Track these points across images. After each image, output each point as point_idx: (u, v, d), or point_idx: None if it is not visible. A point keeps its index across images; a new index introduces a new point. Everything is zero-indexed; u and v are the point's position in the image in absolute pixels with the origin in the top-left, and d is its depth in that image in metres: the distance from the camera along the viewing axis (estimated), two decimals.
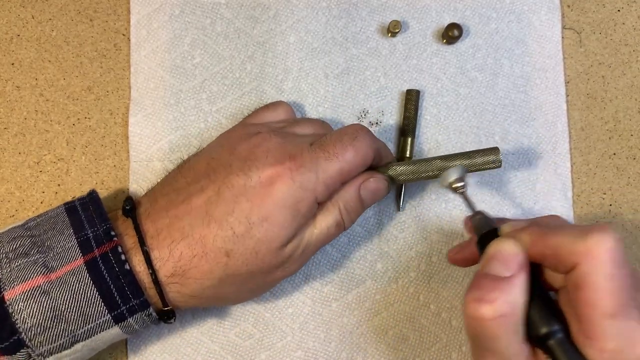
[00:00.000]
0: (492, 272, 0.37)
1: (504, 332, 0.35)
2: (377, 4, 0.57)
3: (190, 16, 0.56)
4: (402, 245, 0.54)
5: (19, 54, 0.55)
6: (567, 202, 0.55)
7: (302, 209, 0.44)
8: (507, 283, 0.36)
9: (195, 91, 0.55)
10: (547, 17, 0.57)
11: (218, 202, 0.43)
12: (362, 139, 0.46)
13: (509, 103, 0.56)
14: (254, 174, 0.43)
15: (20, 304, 0.41)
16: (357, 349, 0.53)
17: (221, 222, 0.43)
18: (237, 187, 0.43)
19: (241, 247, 0.43)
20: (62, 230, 0.44)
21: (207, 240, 0.43)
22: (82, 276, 0.42)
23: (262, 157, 0.44)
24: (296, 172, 0.43)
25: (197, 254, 0.43)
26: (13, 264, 0.41)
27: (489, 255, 0.38)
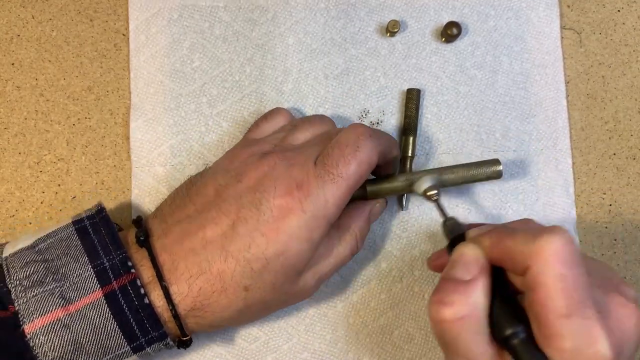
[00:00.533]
0: (453, 275, 0.38)
1: (466, 333, 0.36)
2: (375, 4, 0.57)
3: (189, 20, 0.56)
4: (406, 245, 0.54)
5: (19, 54, 0.55)
6: (569, 197, 0.55)
7: (316, 237, 0.44)
8: (467, 286, 0.37)
9: (195, 95, 0.55)
10: (545, 13, 0.57)
11: (233, 238, 0.43)
12: (364, 148, 0.45)
13: (509, 100, 0.56)
14: (266, 208, 0.43)
15: (42, 337, 0.41)
16: (363, 349, 0.53)
17: (238, 258, 0.43)
18: (251, 222, 0.43)
19: (259, 282, 0.43)
20: (77, 257, 0.43)
21: (226, 276, 0.43)
22: (102, 310, 0.42)
23: (271, 189, 0.44)
24: (305, 202, 0.43)
25: (216, 289, 0.43)
26: (29, 294, 0.41)
27: (452, 259, 0.40)
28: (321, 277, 0.47)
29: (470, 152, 0.55)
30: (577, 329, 0.34)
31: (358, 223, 0.49)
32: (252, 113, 0.55)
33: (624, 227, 0.55)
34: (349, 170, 0.44)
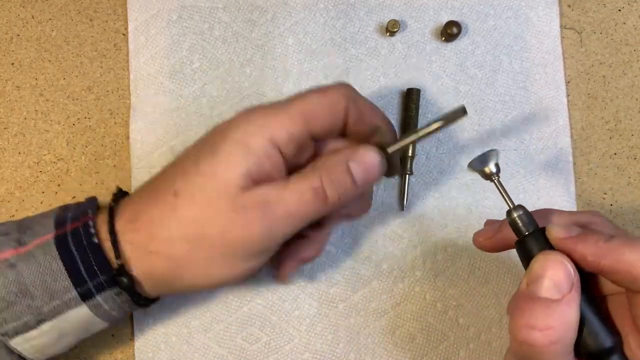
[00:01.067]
0: (542, 294, 0.34)
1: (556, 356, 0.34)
2: (374, 4, 0.57)
3: (188, 21, 0.56)
4: (407, 245, 0.54)
5: (19, 54, 0.55)
6: (570, 196, 0.55)
7: (252, 144, 0.40)
8: (559, 306, 0.34)
9: (195, 96, 0.55)
10: (545, 12, 0.57)
11: (185, 152, 0.43)
12: (335, 86, 0.43)
13: (509, 99, 0.56)
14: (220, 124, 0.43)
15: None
16: (364, 349, 0.53)
17: (176, 163, 0.43)
18: (205, 136, 0.43)
19: (189, 184, 0.40)
20: (46, 214, 0.44)
21: (158, 183, 0.42)
22: (50, 249, 0.41)
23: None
24: (253, 112, 0.42)
25: (150, 195, 0.42)
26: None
27: (536, 272, 0.35)
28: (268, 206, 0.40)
29: (471, 152, 0.55)
30: None
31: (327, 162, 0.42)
32: None
33: (625, 227, 0.55)
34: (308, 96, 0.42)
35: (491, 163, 0.40)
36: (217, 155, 0.40)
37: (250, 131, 0.40)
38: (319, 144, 0.44)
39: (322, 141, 0.44)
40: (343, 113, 0.43)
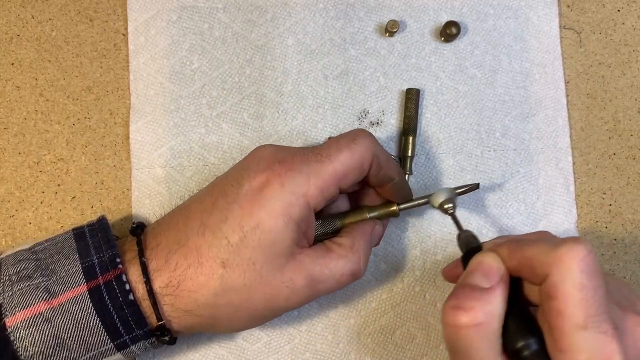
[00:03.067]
0: (472, 282, 0.38)
1: (480, 341, 0.36)
2: (374, 4, 0.57)
3: (188, 22, 0.56)
4: (406, 245, 0.54)
5: (19, 54, 0.55)
6: (569, 195, 0.55)
7: (293, 215, 0.42)
8: (485, 293, 0.37)
9: (195, 96, 0.55)
10: (545, 12, 0.57)
11: (212, 211, 0.43)
12: (361, 142, 0.44)
13: (509, 99, 0.56)
14: (246, 182, 0.43)
15: (22, 331, 0.40)
16: (365, 349, 0.53)
17: (215, 230, 0.42)
18: (231, 195, 0.43)
19: (237, 257, 0.42)
20: (68, 254, 0.43)
21: (202, 250, 0.42)
22: (85, 305, 0.41)
23: (254, 165, 0.44)
24: (285, 176, 0.42)
25: (192, 263, 0.42)
26: (15, 287, 0.41)
27: (470, 267, 0.39)
28: (313, 284, 0.44)
29: (470, 152, 0.55)
30: (593, 343, 0.33)
31: (361, 242, 0.46)
32: (252, 114, 0.55)
33: (624, 227, 0.55)
34: (339, 155, 0.43)
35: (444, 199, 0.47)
36: (262, 229, 0.41)
37: (290, 202, 0.42)
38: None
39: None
40: (368, 169, 0.45)
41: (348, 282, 0.45)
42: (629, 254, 0.55)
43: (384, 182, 0.47)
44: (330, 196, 0.44)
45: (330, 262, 0.44)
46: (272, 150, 0.45)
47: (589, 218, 0.55)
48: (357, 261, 0.45)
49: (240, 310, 0.43)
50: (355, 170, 0.44)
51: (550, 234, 0.44)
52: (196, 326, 0.44)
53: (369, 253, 0.47)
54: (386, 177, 0.47)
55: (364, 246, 0.46)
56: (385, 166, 0.46)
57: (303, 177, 0.42)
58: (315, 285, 0.44)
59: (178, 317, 0.43)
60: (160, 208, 0.53)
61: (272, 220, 0.41)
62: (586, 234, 0.55)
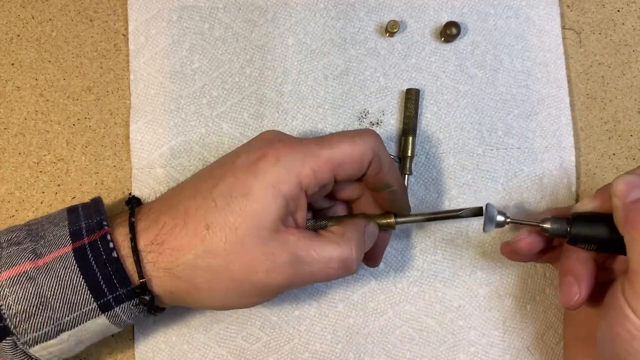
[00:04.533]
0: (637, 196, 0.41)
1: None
2: (374, 4, 0.57)
3: (188, 21, 0.56)
4: (405, 245, 0.54)
5: (19, 54, 0.55)
6: (571, 197, 0.55)
7: (283, 189, 0.42)
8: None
9: (196, 96, 0.55)
10: (546, 11, 0.57)
11: (207, 179, 0.44)
12: (365, 137, 0.44)
13: (511, 98, 0.56)
14: (244, 154, 0.44)
15: (6, 289, 0.41)
16: (363, 349, 0.53)
17: (205, 194, 0.43)
18: (227, 165, 0.44)
19: (221, 221, 0.42)
20: (58, 222, 0.44)
21: (190, 211, 0.43)
22: (69, 262, 0.42)
23: (257, 142, 0.45)
24: (282, 151, 0.43)
25: (178, 223, 0.42)
26: (4, 252, 0.42)
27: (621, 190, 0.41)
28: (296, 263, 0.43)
29: (472, 151, 0.55)
30: None
31: (353, 232, 0.45)
32: (252, 114, 0.55)
33: None
34: (340, 144, 0.43)
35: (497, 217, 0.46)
36: (250, 197, 0.42)
37: (282, 176, 0.42)
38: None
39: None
40: (367, 165, 0.45)
41: (338, 269, 0.44)
42: None
43: (381, 187, 0.47)
44: (323, 181, 0.44)
45: (318, 244, 0.44)
46: (277, 132, 0.46)
47: None
48: (348, 249, 0.44)
49: (218, 277, 0.43)
50: (354, 162, 0.44)
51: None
52: (175, 291, 0.44)
53: (363, 247, 0.46)
54: (383, 181, 0.47)
55: (357, 237, 0.45)
56: (385, 170, 0.46)
57: (299, 155, 0.43)
58: (299, 265, 0.43)
59: (159, 276, 0.43)
60: None
61: (262, 191, 0.42)
62: None
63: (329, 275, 0.44)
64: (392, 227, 0.49)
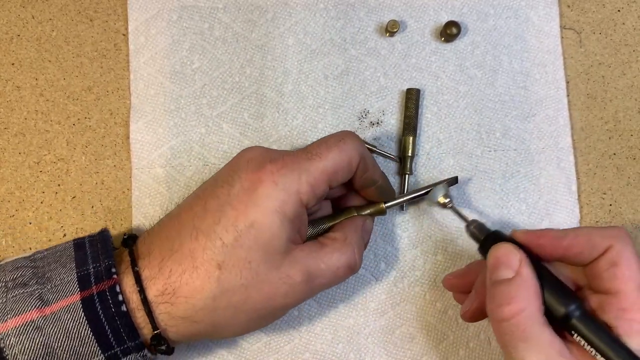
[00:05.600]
0: (499, 277, 0.40)
1: (528, 323, 0.38)
2: (374, 4, 0.57)
3: (188, 21, 0.56)
4: (406, 245, 0.54)
5: (19, 54, 0.55)
6: (571, 195, 0.55)
7: (287, 212, 0.42)
8: (515, 282, 0.40)
9: (196, 96, 0.55)
10: (545, 12, 0.57)
11: (204, 215, 0.43)
12: (349, 141, 0.45)
13: (509, 99, 0.56)
14: (237, 183, 0.43)
15: (13, 338, 0.40)
16: (364, 349, 0.53)
17: (208, 233, 0.42)
18: (222, 197, 0.43)
19: (233, 257, 0.41)
20: (65, 263, 0.43)
21: (197, 254, 0.41)
22: (77, 314, 0.41)
23: (244, 166, 0.44)
24: (277, 174, 0.42)
25: (186, 268, 0.41)
26: (10, 294, 0.41)
27: (490, 265, 0.42)
28: (310, 279, 0.44)
29: (471, 152, 0.55)
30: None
31: (353, 235, 0.47)
32: (253, 114, 0.55)
33: (624, 227, 0.55)
34: (328, 154, 0.44)
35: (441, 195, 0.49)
36: (257, 227, 0.41)
37: (284, 199, 0.42)
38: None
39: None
40: (356, 168, 0.46)
41: (345, 275, 0.46)
42: None
43: (368, 184, 0.48)
44: (321, 193, 0.44)
45: (325, 255, 0.44)
46: (261, 151, 0.45)
47: (589, 218, 0.55)
48: (352, 253, 0.46)
49: (239, 311, 0.43)
50: (345, 168, 0.45)
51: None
52: (195, 333, 0.44)
53: (363, 246, 0.48)
54: (370, 179, 0.48)
55: (357, 239, 0.47)
56: (370, 168, 0.47)
57: (295, 174, 0.43)
58: (312, 280, 0.44)
59: (175, 325, 0.43)
60: (160, 208, 0.53)
61: (267, 218, 0.41)
62: None
63: (338, 281, 0.46)
64: (383, 213, 0.50)
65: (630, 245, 0.39)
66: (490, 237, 0.44)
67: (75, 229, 0.53)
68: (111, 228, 0.53)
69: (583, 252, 0.40)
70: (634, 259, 0.39)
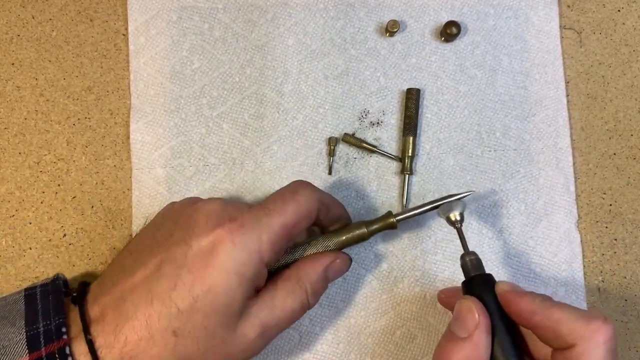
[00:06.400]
0: (453, 330, 0.40)
1: None
2: (374, 4, 0.57)
3: (188, 22, 0.56)
4: (407, 245, 0.54)
5: (19, 54, 0.55)
6: (570, 196, 0.55)
7: (247, 273, 0.41)
8: (463, 343, 0.39)
9: (196, 97, 0.55)
10: (545, 12, 0.58)
11: (160, 278, 0.40)
12: (304, 192, 0.44)
13: (509, 99, 0.56)
14: (194, 242, 0.41)
15: None
16: (365, 349, 0.53)
17: (164, 299, 0.40)
18: (179, 258, 0.41)
19: (189, 324, 0.40)
20: (14, 321, 0.41)
21: (152, 321, 0.39)
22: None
23: (202, 223, 0.42)
24: (237, 233, 0.41)
25: (143, 336, 0.39)
26: None
27: (455, 313, 0.41)
28: (266, 331, 0.43)
29: (471, 152, 0.55)
30: None
31: (310, 276, 0.46)
32: (253, 114, 0.55)
33: (624, 227, 0.55)
34: (286, 208, 0.43)
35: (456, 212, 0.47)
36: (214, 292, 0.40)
37: (243, 260, 0.41)
38: None
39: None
40: (315, 214, 0.46)
41: (301, 315, 0.46)
42: (629, 254, 0.55)
43: (335, 221, 0.49)
44: (281, 250, 0.44)
45: (279, 301, 0.44)
46: (218, 205, 0.44)
47: (589, 218, 0.55)
48: (304, 295, 0.45)
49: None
50: (305, 219, 0.45)
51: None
52: None
53: (321, 286, 0.47)
54: (336, 216, 0.48)
55: (313, 279, 0.46)
56: (332, 207, 0.48)
57: (255, 233, 0.41)
58: (269, 331, 0.43)
59: None
60: (160, 208, 0.53)
61: (226, 281, 0.40)
62: (586, 234, 0.55)
63: (292, 321, 0.45)
64: (394, 227, 0.49)
65: (601, 346, 0.37)
66: (474, 280, 0.43)
67: (75, 229, 0.53)
68: (111, 228, 0.53)
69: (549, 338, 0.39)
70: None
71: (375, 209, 0.54)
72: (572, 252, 0.54)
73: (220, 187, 0.54)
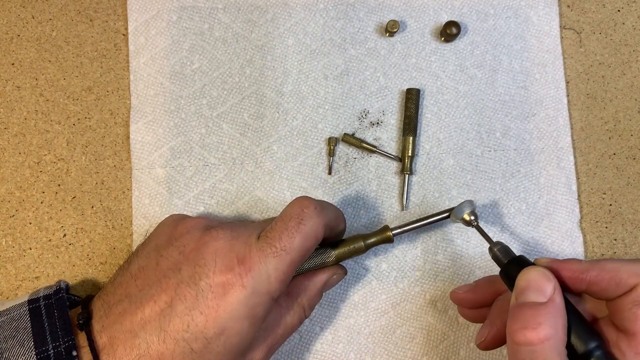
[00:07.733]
0: (528, 299, 0.39)
1: (551, 352, 0.37)
2: (374, 4, 0.57)
3: (188, 22, 0.56)
4: (407, 245, 0.54)
5: (19, 54, 0.55)
6: (572, 195, 0.55)
7: (258, 314, 0.42)
8: (546, 307, 0.39)
9: (196, 97, 0.55)
10: (545, 12, 0.57)
11: (172, 316, 0.41)
12: (309, 220, 0.44)
13: (509, 99, 0.56)
14: (205, 285, 0.41)
15: None
16: (364, 349, 0.53)
17: (177, 339, 0.40)
18: (190, 299, 0.41)
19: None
20: (23, 341, 0.41)
21: (165, 358, 0.40)
22: None
23: (211, 262, 0.42)
24: (246, 277, 0.41)
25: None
26: None
27: (520, 286, 0.41)
28: (270, 350, 0.46)
29: (471, 152, 0.55)
30: None
31: (308, 293, 0.48)
32: (253, 115, 0.55)
33: (624, 227, 0.55)
34: (293, 244, 0.43)
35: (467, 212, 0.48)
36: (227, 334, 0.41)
37: (255, 302, 0.41)
38: None
39: None
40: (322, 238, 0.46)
41: (298, 327, 0.49)
42: (629, 254, 0.55)
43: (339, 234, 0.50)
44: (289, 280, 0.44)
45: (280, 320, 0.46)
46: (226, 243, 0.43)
47: (589, 218, 0.55)
48: (302, 310, 0.48)
49: None
50: (311, 248, 0.44)
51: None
52: None
53: (318, 299, 0.49)
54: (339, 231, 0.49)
55: (310, 295, 0.48)
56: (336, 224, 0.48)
57: (264, 275, 0.41)
58: (272, 349, 0.46)
59: None
60: (160, 208, 0.53)
61: (238, 324, 0.41)
62: (586, 234, 0.55)
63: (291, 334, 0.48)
64: (390, 240, 0.49)
65: None
66: (515, 261, 0.43)
67: (75, 229, 0.53)
68: (111, 228, 0.53)
69: (608, 288, 0.40)
70: None
71: (375, 209, 0.54)
72: (574, 251, 0.54)
73: (220, 187, 0.54)
